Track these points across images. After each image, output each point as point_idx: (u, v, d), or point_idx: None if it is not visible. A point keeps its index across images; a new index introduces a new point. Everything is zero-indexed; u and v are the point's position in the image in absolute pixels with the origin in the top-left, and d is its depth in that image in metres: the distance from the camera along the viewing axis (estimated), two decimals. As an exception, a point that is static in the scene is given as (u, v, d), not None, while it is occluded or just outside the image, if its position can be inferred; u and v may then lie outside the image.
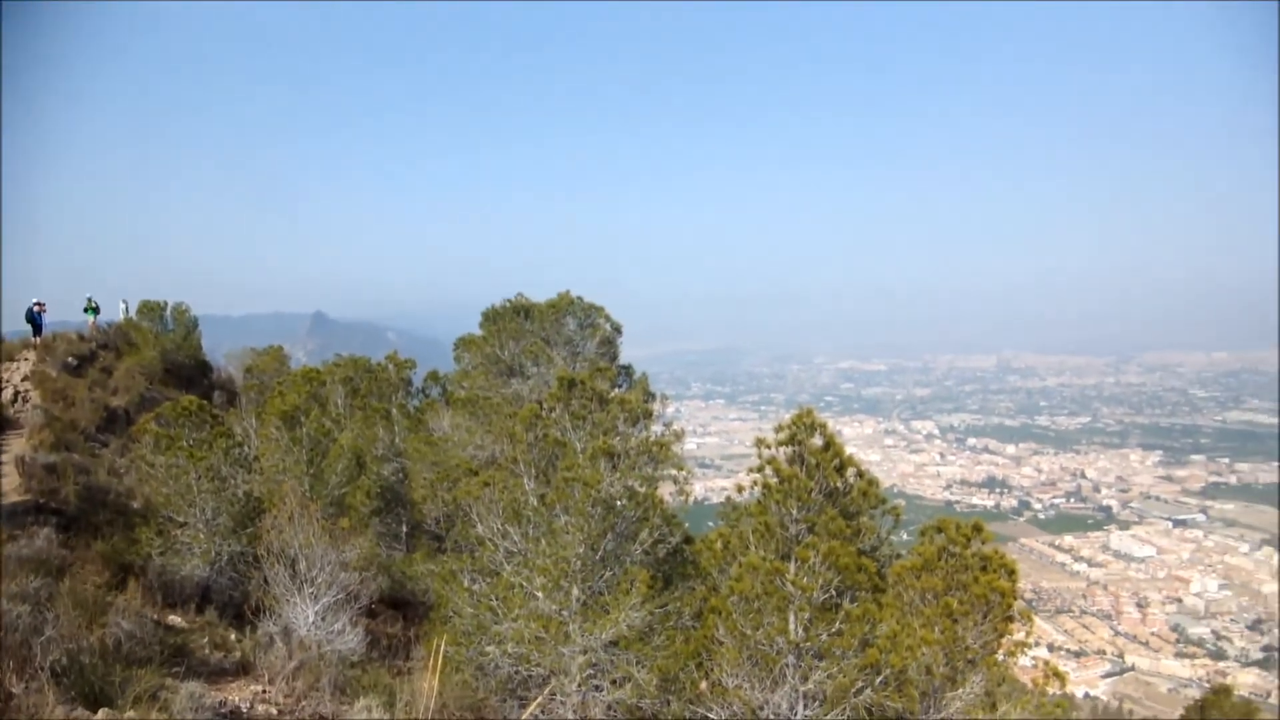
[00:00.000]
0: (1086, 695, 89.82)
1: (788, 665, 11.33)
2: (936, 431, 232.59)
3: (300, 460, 20.62)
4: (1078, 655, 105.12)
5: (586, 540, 12.98)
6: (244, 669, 11.20)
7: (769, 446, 12.62)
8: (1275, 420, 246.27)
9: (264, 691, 10.50)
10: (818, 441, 12.60)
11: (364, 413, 26.10)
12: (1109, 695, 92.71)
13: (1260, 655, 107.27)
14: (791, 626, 11.33)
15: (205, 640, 11.93)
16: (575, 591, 13.19)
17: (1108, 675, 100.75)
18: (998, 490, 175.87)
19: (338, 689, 10.90)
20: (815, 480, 12.23)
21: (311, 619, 12.99)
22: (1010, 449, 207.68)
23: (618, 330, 21.08)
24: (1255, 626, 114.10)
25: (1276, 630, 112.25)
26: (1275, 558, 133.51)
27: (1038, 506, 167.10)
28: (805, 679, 11.26)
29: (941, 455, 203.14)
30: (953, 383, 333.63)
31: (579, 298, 20.68)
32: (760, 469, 12.51)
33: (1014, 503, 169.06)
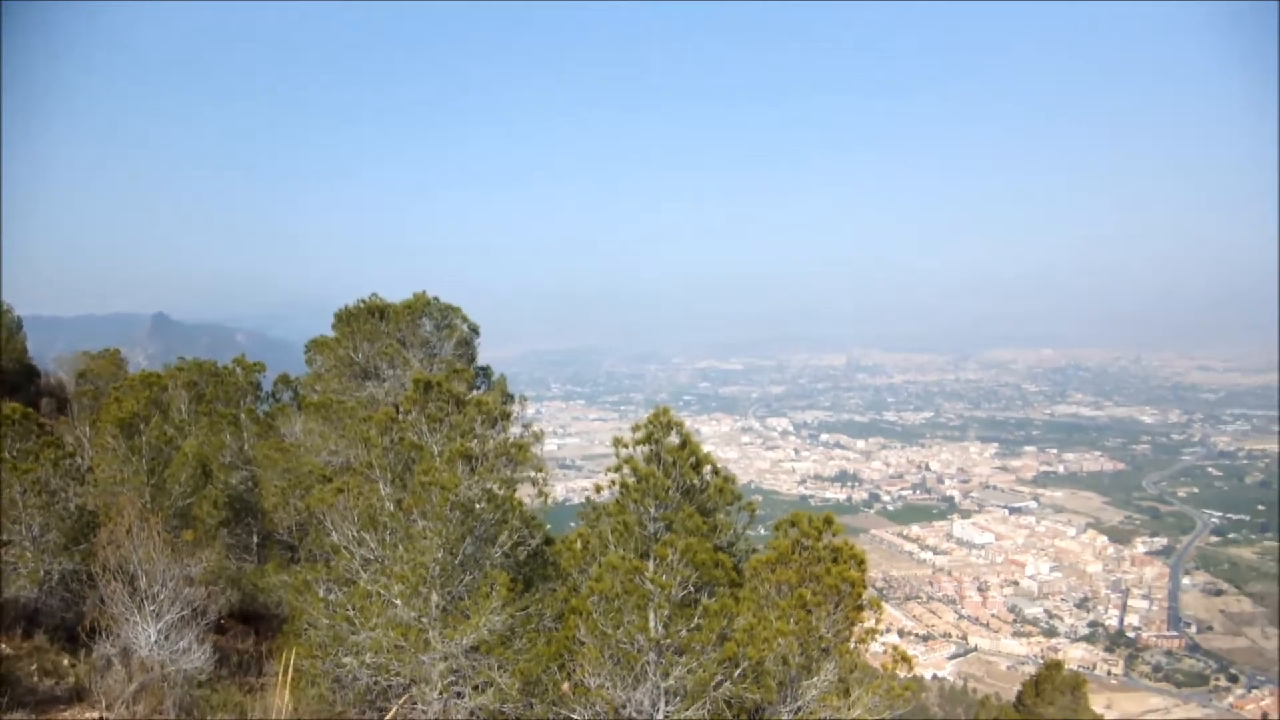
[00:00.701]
0: (935, 677, 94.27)
1: (649, 663, 11.48)
2: (791, 428, 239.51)
3: (140, 470, 19.53)
4: (925, 639, 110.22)
5: (445, 545, 12.79)
6: (78, 695, 10.57)
7: (626, 446, 12.74)
8: (1098, 412, 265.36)
9: (101, 718, 9.93)
10: (674, 440, 12.80)
11: (210, 419, 24.97)
12: (955, 675, 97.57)
13: (1087, 630, 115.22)
14: (652, 624, 11.47)
15: (34, 666, 11.20)
16: (435, 597, 12.98)
17: (953, 657, 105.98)
18: (849, 484, 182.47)
19: (184, 710, 10.42)
20: (672, 478, 12.42)
21: (154, 638, 12.35)
22: (860, 444, 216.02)
23: (475, 331, 20.85)
24: (1082, 604, 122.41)
25: (1100, 607, 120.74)
26: (1098, 540, 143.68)
27: (886, 499, 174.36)
28: (666, 675, 11.43)
29: (796, 451, 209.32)
30: (806, 380, 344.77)
31: (435, 298, 20.36)
32: (618, 468, 12.61)
33: (865, 495, 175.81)
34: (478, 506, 13.18)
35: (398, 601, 12.88)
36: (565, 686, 12.39)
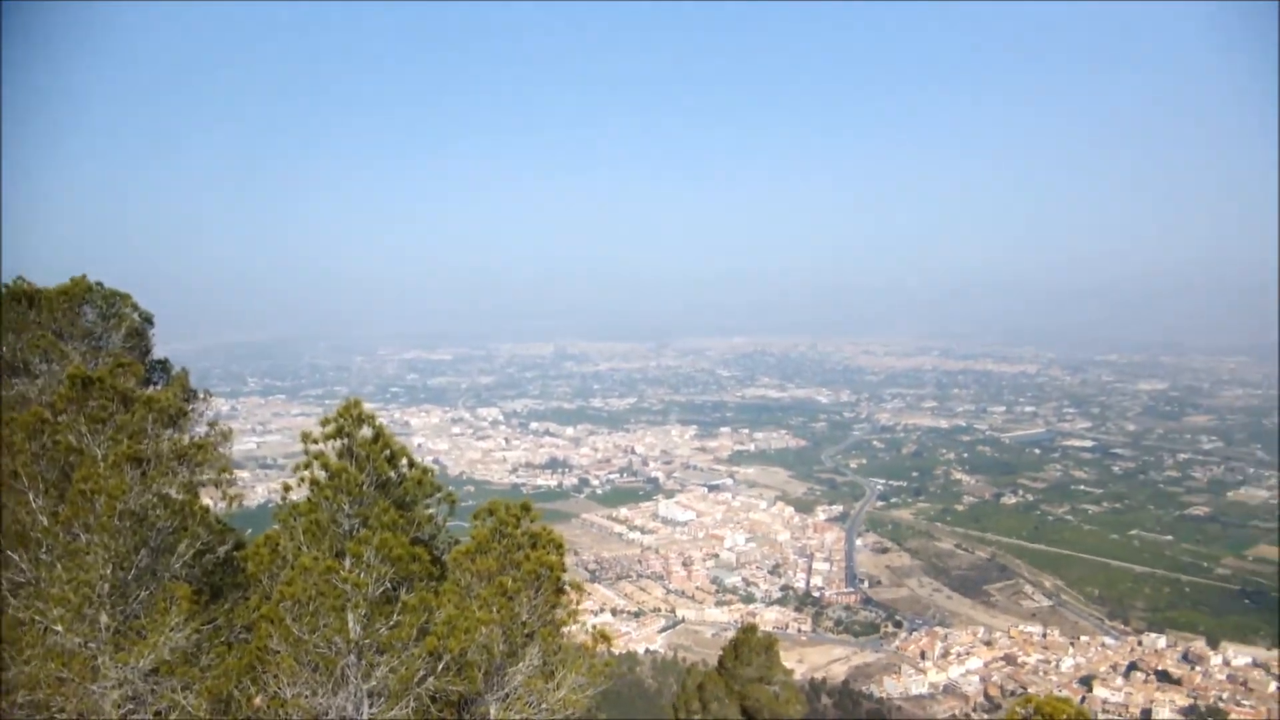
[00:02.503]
0: (647, 650, 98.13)
1: (349, 665, 10.89)
2: (501, 418, 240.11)
3: None
4: (638, 615, 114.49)
5: (114, 559, 11.41)
6: None
7: (315, 441, 12.00)
8: (782, 394, 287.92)
9: None
10: (367, 433, 12.20)
11: None
12: (665, 647, 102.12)
13: (779, 594, 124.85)
14: (350, 625, 10.89)
15: None
16: (104, 619, 11.57)
17: (664, 629, 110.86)
18: (560, 470, 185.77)
19: None
20: (366, 473, 11.85)
21: None
22: (569, 431, 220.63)
23: (149, 321, 18.73)
24: (774, 570, 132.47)
25: (790, 572, 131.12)
26: (786, 511, 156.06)
27: (596, 483, 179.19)
28: (368, 676, 10.90)
29: (507, 440, 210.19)
30: (515, 370, 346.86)
31: (98, 283, 18.06)
32: (307, 465, 11.85)
33: (575, 481, 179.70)
34: (152, 514, 11.87)
35: (58, 627, 11.35)
36: (258, 699, 11.46)
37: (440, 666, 10.94)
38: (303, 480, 11.87)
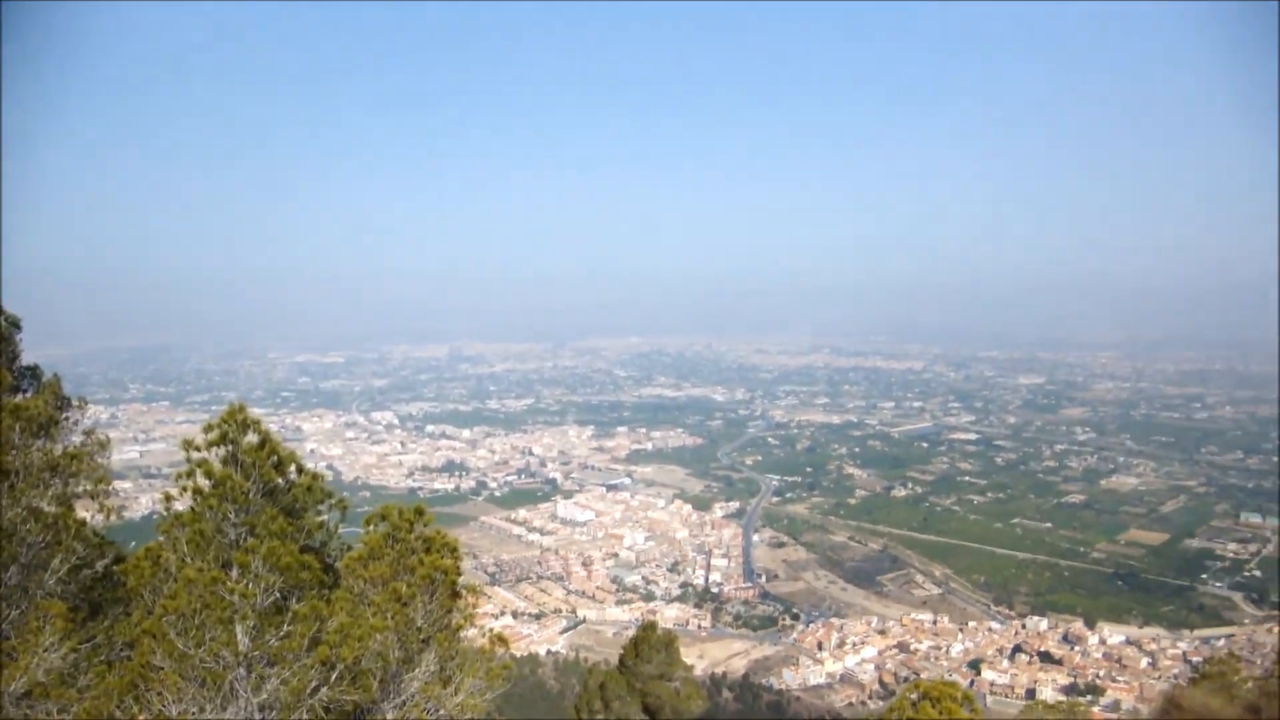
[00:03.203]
0: (549, 652, 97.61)
1: (238, 678, 10.51)
2: (396, 421, 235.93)
3: None
4: (539, 617, 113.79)
5: (-21, 578, 10.79)
6: None
7: (198, 449, 11.55)
8: (679, 393, 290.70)
9: None
10: (253, 439, 11.81)
11: None
12: (567, 648, 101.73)
13: (679, 591, 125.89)
14: (238, 637, 10.53)
15: None
16: (-30, 641, 10.92)
17: (565, 630, 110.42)
18: (457, 473, 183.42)
19: None
20: (252, 480, 11.47)
21: None
22: (466, 433, 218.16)
23: (16, 325, 17.69)
24: (674, 568, 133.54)
25: (689, 569, 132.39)
26: (684, 508, 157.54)
27: (494, 485, 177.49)
28: (259, 689, 10.54)
29: (403, 444, 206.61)
30: (409, 372, 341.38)
31: (-45, 288, 17.06)
32: (190, 473, 11.40)
33: (473, 484, 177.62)
34: (21, 529, 11.26)
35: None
36: (142, 718, 10.97)
37: (334, 676, 10.66)
38: (185, 489, 11.41)
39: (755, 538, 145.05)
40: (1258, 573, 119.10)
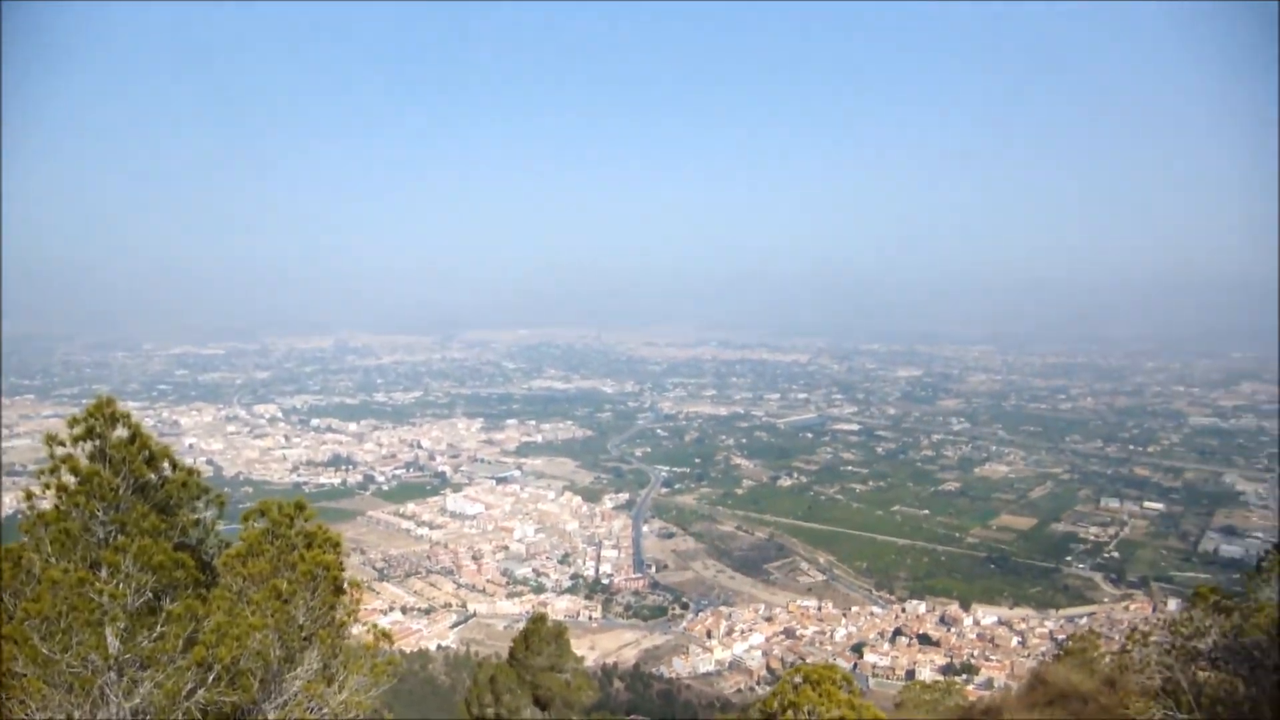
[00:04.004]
0: (439, 646, 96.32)
1: (109, 683, 10.03)
2: (280, 414, 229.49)
3: None
4: (428, 612, 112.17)
5: None
6: None
7: (63, 444, 10.96)
8: (568, 385, 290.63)
9: None
10: (122, 433, 11.26)
11: None
12: (458, 642, 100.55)
13: (570, 583, 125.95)
14: (108, 640, 10.05)
15: None
16: None
17: (455, 625, 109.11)
18: (344, 467, 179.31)
19: None
20: (122, 476, 10.94)
21: None
22: (353, 426, 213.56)
23: None
24: (564, 560, 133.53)
25: (579, 560, 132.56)
26: (574, 500, 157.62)
27: (381, 479, 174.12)
28: (130, 693, 10.08)
29: (287, 438, 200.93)
30: (293, 364, 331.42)
31: None
32: (54, 469, 10.80)
33: (359, 478, 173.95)
34: None
35: None
36: (2, 730, 10.36)
37: (211, 677, 10.26)
38: (49, 486, 10.80)
39: (645, 529, 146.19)
40: (1116, 554, 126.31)
